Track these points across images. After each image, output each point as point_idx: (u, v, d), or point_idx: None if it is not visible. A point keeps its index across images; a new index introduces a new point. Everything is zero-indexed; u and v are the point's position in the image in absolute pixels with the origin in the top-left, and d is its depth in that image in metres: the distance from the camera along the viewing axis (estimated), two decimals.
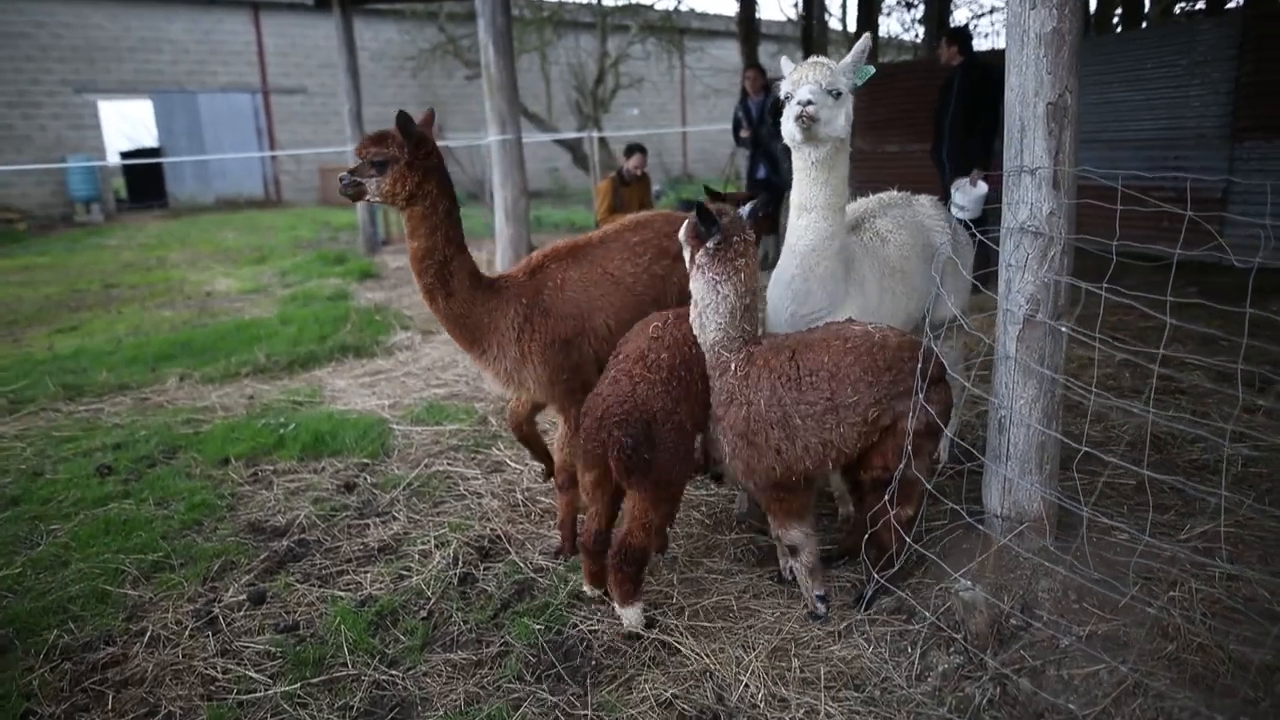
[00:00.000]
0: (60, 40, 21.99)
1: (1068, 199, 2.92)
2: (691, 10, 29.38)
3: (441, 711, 2.70)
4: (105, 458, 4.88)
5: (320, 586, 3.47)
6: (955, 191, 6.88)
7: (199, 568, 3.62)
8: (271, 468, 4.71)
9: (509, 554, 3.65)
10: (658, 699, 2.69)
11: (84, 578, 3.54)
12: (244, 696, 2.81)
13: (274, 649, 3.05)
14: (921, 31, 18.82)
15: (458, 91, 27.20)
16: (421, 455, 4.80)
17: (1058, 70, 2.85)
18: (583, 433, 3.05)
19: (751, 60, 13.62)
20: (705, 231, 2.96)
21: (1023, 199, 2.95)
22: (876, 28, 18.00)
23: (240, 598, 3.40)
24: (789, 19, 24.07)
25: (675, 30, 27.76)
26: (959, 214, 6.37)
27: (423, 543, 3.76)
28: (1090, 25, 14.66)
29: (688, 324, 3.11)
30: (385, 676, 2.89)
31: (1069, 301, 3.01)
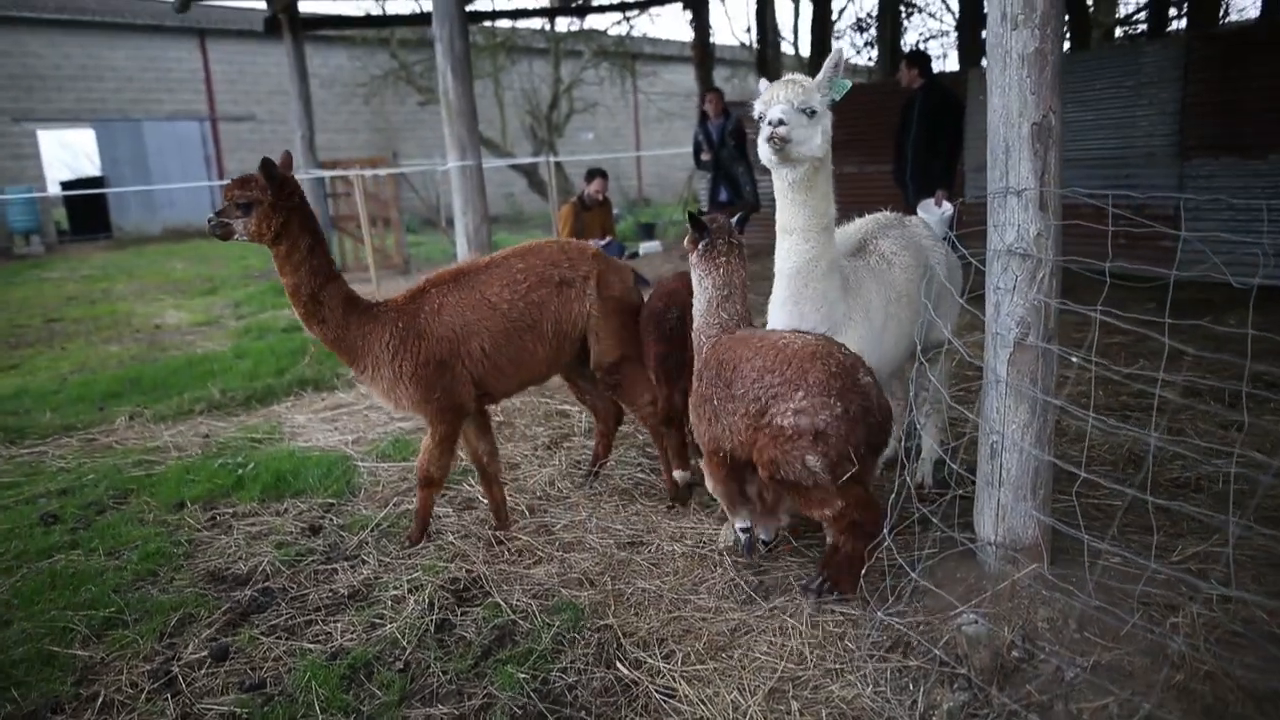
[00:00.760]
0: None
1: (1055, 220, 2.88)
2: (644, 35, 29.61)
3: None
4: (50, 505, 4.60)
5: (287, 639, 3.27)
6: (921, 212, 6.91)
7: (155, 623, 3.38)
8: (230, 511, 4.48)
9: (488, 596, 3.49)
10: None
11: (28, 639, 3.28)
12: None
13: (239, 710, 2.84)
14: (875, 54, 19.12)
15: (410, 118, 27.03)
16: (389, 493, 4.61)
17: (1041, 90, 2.82)
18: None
19: (707, 84, 13.69)
20: (697, 235, 3.48)
21: (1009, 221, 2.91)
22: (829, 51, 18.27)
23: (201, 654, 3.17)
24: (741, 43, 24.35)
25: (628, 55, 27.96)
26: None
27: (395, 587, 3.57)
28: None
29: None
30: None
31: (1059, 324, 2.98)
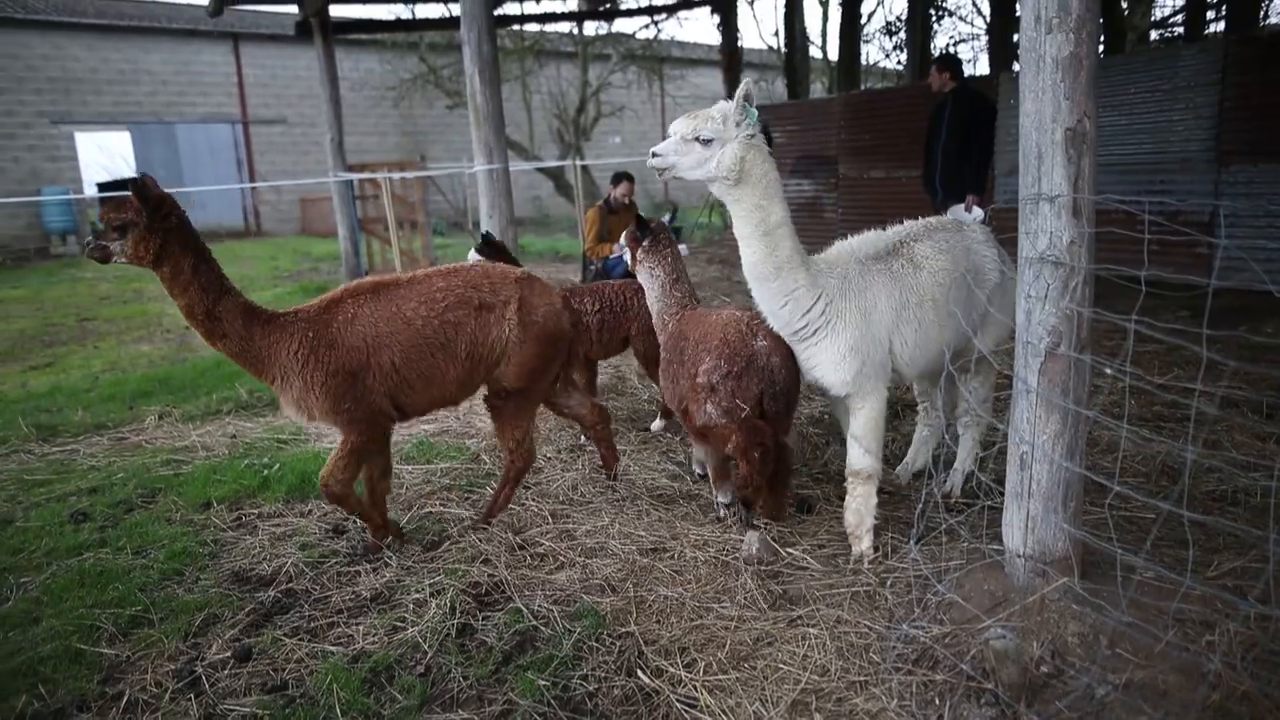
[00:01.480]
0: (37, 72, 21.84)
1: (1088, 227, 2.82)
2: (672, 39, 29.59)
3: None
4: (80, 503, 4.66)
5: (310, 641, 3.28)
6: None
7: (180, 622, 3.41)
8: (256, 511, 4.51)
9: (509, 601, 3.48)
10: None
11: (56, 636, 3.33)
12: None
13: (261, 712, 2.85)
14: (904, 58, 18.99)
15: (439, 121, 27.18)
16: (412, 496, 4.62)
17: (1075, 95, 2.76)
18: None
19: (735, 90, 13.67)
20: (641, 235, 4.25)
21: (1041, 228, 2.86)
22: (858, 56, 18.16)
23: (225, 655, 3.19)
24: (769, 47, 24.27)
25: (656, 59, 27.96)
26: None
27: (417, 591, 3.57)
28: None
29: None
30: None
31: (1091, 333, 2.91)
